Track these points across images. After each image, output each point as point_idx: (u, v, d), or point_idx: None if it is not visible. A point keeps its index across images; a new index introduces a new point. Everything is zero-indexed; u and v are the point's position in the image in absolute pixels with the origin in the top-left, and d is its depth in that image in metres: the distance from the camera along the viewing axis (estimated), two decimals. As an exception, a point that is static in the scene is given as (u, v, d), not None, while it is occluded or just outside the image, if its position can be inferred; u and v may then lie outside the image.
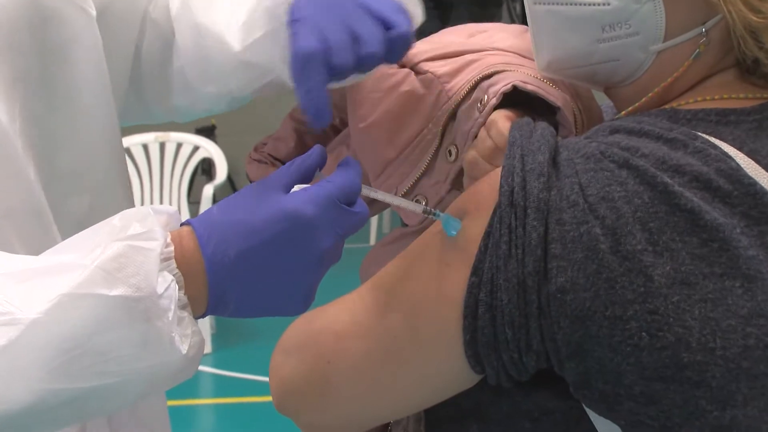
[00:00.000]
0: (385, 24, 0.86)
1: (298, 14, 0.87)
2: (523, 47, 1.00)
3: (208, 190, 4.30)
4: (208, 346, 4.11)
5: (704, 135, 0.81)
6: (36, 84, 0.93)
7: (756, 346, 0.76)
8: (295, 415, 0.92)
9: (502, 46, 1.02)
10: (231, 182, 5.66)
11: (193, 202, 4.77)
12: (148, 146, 4.40)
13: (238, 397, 3.89)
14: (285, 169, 0.84)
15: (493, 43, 1.02)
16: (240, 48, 1.01)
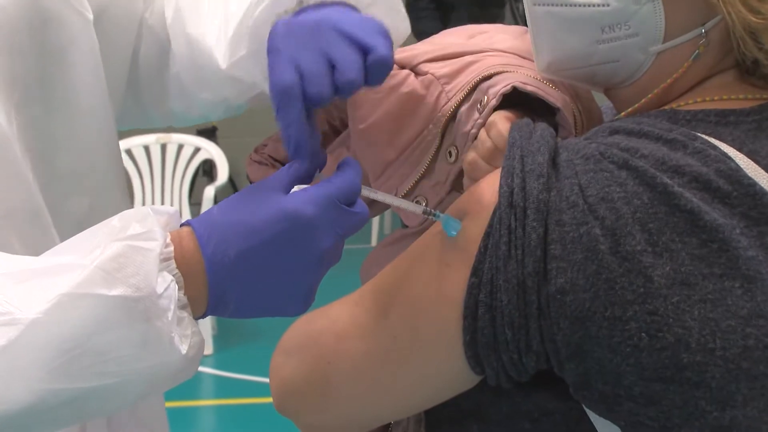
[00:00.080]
0: (364, 49, 0.84)
1: (275, 43, 0.86)
2: (522, 48, 1.00)
3: (210, 192, 4.29)
4: (209, 347, 4.11)
5: (704, 136, 0.81)
6: (35, 86, 0.93)
7: (755, 347, 0.76)
8: (296, 415, 0.92)
9: (502, 47, 1.02)
10: (232, 183, 5.66)
11: (195, 204, 4.77)
12: (149, 147, 4.40)
13: (239, 398, 3.89)
14: (285, 169, 0.84)
15: (493, 45, 1.02)
16: (226, 65, 1.03)
